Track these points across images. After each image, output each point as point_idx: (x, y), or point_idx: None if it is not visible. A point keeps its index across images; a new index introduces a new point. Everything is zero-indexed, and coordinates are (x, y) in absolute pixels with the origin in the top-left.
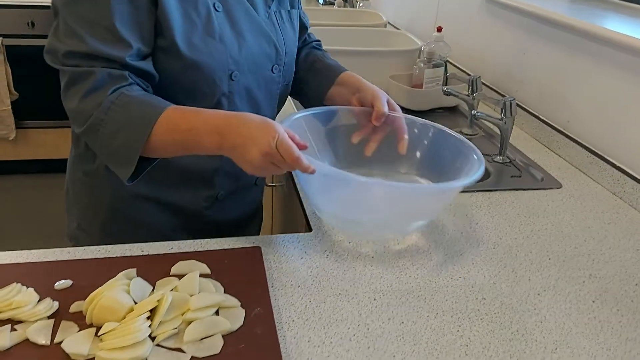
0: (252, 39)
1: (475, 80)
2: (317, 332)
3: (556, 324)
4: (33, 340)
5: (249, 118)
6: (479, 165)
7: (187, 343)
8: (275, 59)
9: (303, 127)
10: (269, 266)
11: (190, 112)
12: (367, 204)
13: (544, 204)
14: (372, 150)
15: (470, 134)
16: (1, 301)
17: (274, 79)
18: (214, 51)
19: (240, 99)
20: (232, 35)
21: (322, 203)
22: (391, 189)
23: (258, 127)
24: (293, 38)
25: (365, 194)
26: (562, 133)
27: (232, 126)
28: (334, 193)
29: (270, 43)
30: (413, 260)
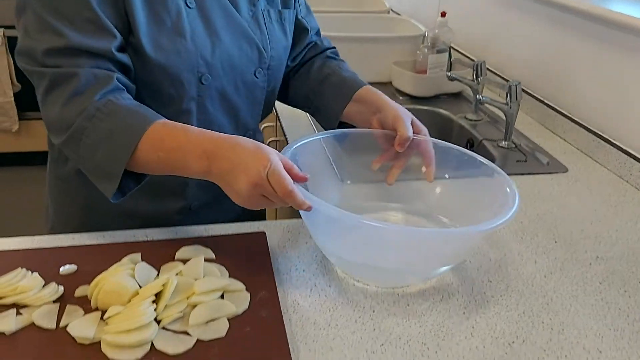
0: (230, 40)
1: (480, 65)
2: (322, 315)
3: (563, 306)
4: (39, 324)
5: (241, 143)
6: (513, 199)
7: (193, 326)
8: (258, 62)
9: (323, 149)
10: (273, 251)
11: (179, 129)
12: (382, 250)
13: (549, 188)
14: (394, 178)
15: (475, 119)
16: (6, 286)
17: (257, 84)
18: (182, 51)
19: (213, 104)
20: (205, 35)
21: (329, 245)
22: (410, 235)
23: (249, 154)
24: (282, 40)
25: (379, 239)
26: (567, 117)
27: (222, 149)
28: (342, 236)
29: (253, 45)
30: None
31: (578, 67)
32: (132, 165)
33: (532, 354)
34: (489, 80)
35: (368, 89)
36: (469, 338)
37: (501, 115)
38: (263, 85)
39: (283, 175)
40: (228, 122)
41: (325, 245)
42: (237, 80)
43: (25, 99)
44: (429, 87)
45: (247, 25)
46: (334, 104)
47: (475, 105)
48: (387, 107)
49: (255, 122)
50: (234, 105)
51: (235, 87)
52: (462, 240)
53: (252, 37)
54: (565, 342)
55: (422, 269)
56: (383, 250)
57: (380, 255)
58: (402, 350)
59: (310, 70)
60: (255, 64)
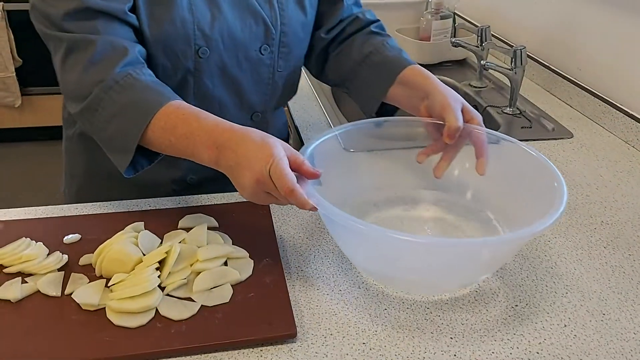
0: (232, 13)
1: (484, 30)
2: (325, 281)
3: (567, 270)
4: (44, 292)
5: (250, 135)
6: (561, 195)
7: (197, 293)
8: (264, 38)
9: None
10: (276, 219)
11: (193, 115)
12: (410, 262)
13: (555, 154)
14: (442, 171)
15: (479, 86)
16: (11, 255)
17: (263, 61)
18: (177, 20)
19: (211, 80)
20: (204, 5)
21: (351, 253)
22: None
23: (255, 148)
24: (298, 15)
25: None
26: (573, 82)
27: (231, 141)
28: (367, 248)
29: (258, 19)
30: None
31: (584, 32)
32: (146, 144)
33: (536, 317)
34: (494, 44)
35: (414, 70)
36: (472, 302)
37: (506, 82)
38: (270, 62)
39: (285, 172)
40: (230, 100)
41: (348, 252)
42: (239, 56)
43: (28, 74)
44: (432, 54)
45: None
46: (374, 87)
47: (480, 72)
48: (435, 92)
49: (263, 103)
50: (236, 82)
51: (237, 63)
52: (500, 249)
53: (258, 11)
54: (568, 305)
55: (458, 280)
56: (412, 263)
57: (409, 268)
58: (405, 314)
59: (351, 48)
60: (261, 40)
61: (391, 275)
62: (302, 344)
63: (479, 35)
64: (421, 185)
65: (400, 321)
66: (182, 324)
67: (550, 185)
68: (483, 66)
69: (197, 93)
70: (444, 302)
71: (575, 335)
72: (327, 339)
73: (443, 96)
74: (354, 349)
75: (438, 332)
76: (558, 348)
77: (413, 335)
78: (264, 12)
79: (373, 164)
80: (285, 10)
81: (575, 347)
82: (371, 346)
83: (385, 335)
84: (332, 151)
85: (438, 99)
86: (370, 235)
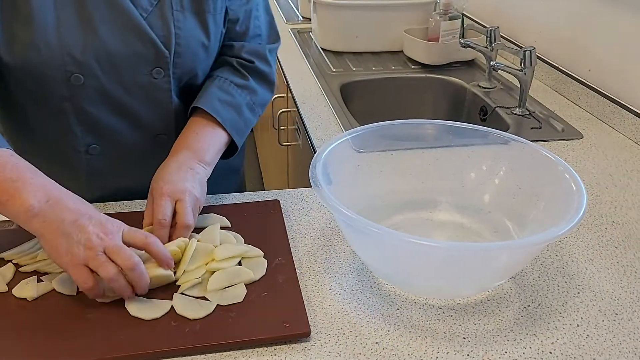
0: (111, 35)
1: (493, 30)
2: (338, 281)
3: (578, 269)
4: (59, 291)
5: (84, 207)
6: (579, 198)
7: (211, 292)
8: (155, 61)
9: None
10: (287, 219)
11: (26, 164)
12: (426, 267)
13: (564, 154)
14: None
15: (488, 87)
16: (26, 254)
17: (157, 86)
18: (42, 45)
19: (94, 106)
20: (75, 28)
21: (367, 257)
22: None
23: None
24: (198, 35)
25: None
26: (582, 83)
27: (68, 201)
28: (380, 250)
29: (146, 42)
30: None
31: (593, 32)
32: None
33: (548, 317)
34: (503, 45)
35: (192, 119)
36: (485, 302)
37: (514, 82)
38: (166, 86)
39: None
40: (124, 125)
41: (361, 255)
42: (125, 82)
43: None
44: (441, 55)
45: (142, 18)
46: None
47: (489, 73)
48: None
49: (167, 126)
50: (126, 108)
51: (124, 89)
52: (519, 253)
53: (146, 32)
54: (581, 305)
55: (475, 286)
56: (428, 268)
57: (424, 273)
58: (418, 314)
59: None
60: (152, 63)
61: (405, 279)
62: (316, 343)
63: (488, 36)
64: (436, 189)
65: (413, 321)
66: (196, 323)
67: (568, 188)
68: (493, 67)
69: (80, 119)
70: (457, 302)
71: (588, 334)
72: (340, 338)
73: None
74: (366, 348)
75: (451, 333)
76: (571, 348)
77: (426, 335)
78: (153, 33)
79: (385, 167)
80: (182, 30)
81: (588, 347)
82: (384, 346)
83: (398, 335)
84: (343, 155)
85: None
86: (386, 240)
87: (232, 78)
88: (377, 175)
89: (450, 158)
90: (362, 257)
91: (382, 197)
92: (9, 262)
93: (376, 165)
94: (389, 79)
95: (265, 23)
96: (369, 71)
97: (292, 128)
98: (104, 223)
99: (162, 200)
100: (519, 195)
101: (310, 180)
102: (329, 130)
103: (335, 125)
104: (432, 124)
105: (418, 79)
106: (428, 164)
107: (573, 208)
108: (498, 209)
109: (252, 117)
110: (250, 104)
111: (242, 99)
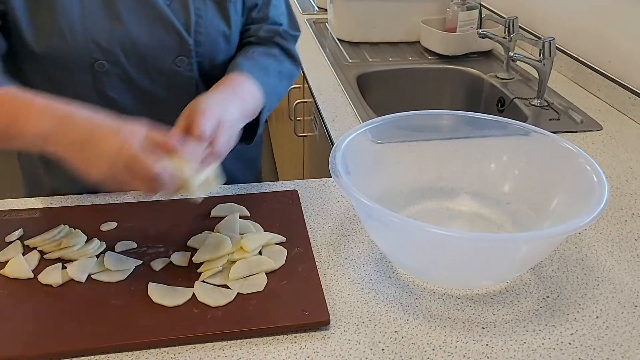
0: (135, 24)
1: (512, 21)
2: (357, 270)
3: (597, 262)
4: (77, 279)
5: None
6: (600, 190)
7: (233, 280)
8: (179, 49)
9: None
10: (305, 209)
11: (28, 95)
12: (446, 258)
13: (583, 146)
14: None
15: (506, 78)
16: (51, 242)
17: (181, 74)
18: (67, 33)
19: (119, 94)
20: (101, 16)
21: (386, 247)
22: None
23: (111, 121)
24: (218, 24)
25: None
26: (602, 74)
27: (80, 112)
28: (400, 240)
29: (171, 30)
30: None
31: (614, 23)
32: None
33: (567, 309)
34: (522, 36)
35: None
36: (503, 293)
37: (532, 73)
38: (189, 74)
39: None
40: (147, 111)
41: (381, 245)
42: (149, 69)
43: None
44: (458, 45)
45: (166, 6)
46: None
47: (507, 63)
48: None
49: None
50: (149, 96)
51: (148, 77)
52: (542, 244)
53: (170, 21)
54: (600, 297)
55: (494, 276)
56: (450, 258)
57: (446, 264)
58: (437, 304)
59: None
60: (176, 52)
61: (424, 269)
62: (335, 331)
63: (507, 26)
64: (455, 179)
65: (432, 311)
66: (218, 310)
67: (589, 179)
68: (511, 57)
69: (104, 106)
70: (475, 293)
71: (607, 326)
72: (360, 327)
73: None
74: (386, 336)
75: (470, 322)
76: (590, 339)
77: (445, 324)
78: (177, 22)
79: (403, 158)
80: (202, 18)
81: (607, 338)
82: (403, 335)
83: (417, 324)
84: (362, 145)
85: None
86: (406, 229)
87: (255, 48)
88: (395, 166)
89: (469, 149)
90: (381, 247)
91: (400, 188)
92: (34, 249)
93: (394, 156)
94: (405, 70)
95: (284, 14)
96: (386, 62)
97: (308, 119)
98: (119, 132)
99: (205, 118)
100: (539, 186)
101: (329, 170)
102: (346, 121)
103: (352, 116)
104: (451, 115)
105: (435, 69)
106: (446, 154)
107: (594, 200)
108: (518, 199)
109: (279, 82)
110: (277, 69)
111: (268, 63)
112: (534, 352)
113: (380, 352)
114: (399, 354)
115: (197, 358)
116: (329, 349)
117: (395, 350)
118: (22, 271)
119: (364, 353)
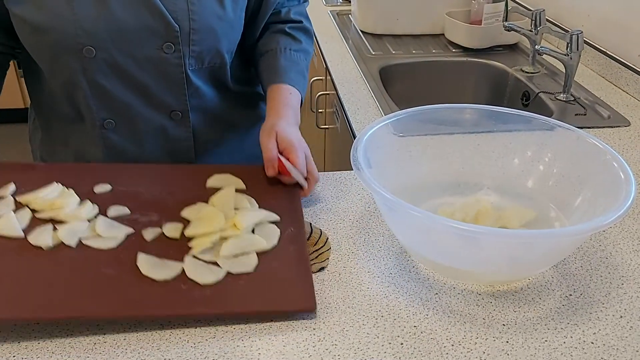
0: (122, 8)
1: (539, 13)
2: (376, 264)
3: (622, 260)
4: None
5: None
6: (627, 187)
7: (223, 257)
8: (165, 35)
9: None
10: (326, 201)
11: None
12: (467, 253)
13: (610, 142)
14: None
15: (531, 71)
16: (43, 200)
17: (168, 60)
18: (57, 16)
19: (107, 80)
20: (89, 1)
21: (407, 241)
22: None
23: None
24: (215, 9)
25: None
26: (631, 68)
27: None
28: (422, 234)
29: (157, 16)
30: None
31: None
32: None
33: (590, 307)
34: (549, 29)
35: (272, 91)
36: (525, 290)
37: (559, 67)
38: (177, 62)
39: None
40: (136, 99)
41: (401, 239)
42: (137, 56)
43: None
44: (483, 38)
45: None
46: (262, 82)
47: (533, 57)
48: (267, 118)
49: (181, 103)
50: (138, 82)
51: (135, 63)
52: (567, 241)
53: (155, 5)
54: (624, 296)
55: (517, 273)
56: (471, 253)
57: (467, 259)
58: (457, 299)
59: (260, 38)
60: (162, 38)
61: (445, 264)
62: (354, 324)
63: (533, 19)
64: (478, 174)
65: (452, 306)
66: (205, 288)
67: (616, 176)
68: (537, 51)
69: (94, 93)
70: (496, 289)
71: (631, 326)
72: (379, 320)
73: (265, 126)
74: (405, 331)
75: (490, 319)
76: (613, 339)
77: (464, 320)
78: (164, 8)
79: (426, 152)
80: (196, 5)
81: (631, 339)
82: (422, 329)
83: (437, 320)
84: (384, 139)
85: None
86: (427, 223)
87: (291, 45)
88: (417, 159)
89: (493, 143)
90: (402, 241)
91: (421, 182)
92: (25, 207)
93: (416, 150)
94: (429, 63)
95: None
96: (409, 54)
97: (330, 111)
98: None
99: (299, 151)
100: (564, 182)
101: (351, 163)
102: (368, 114)
103: (374, 109)
104: (474, 109)
105: (459, 62)
106: (469, 149)
107: (621, 197)
108: (542, 195)
109: (307, 73)
110: (307, 63)
111: (303, 63)
112: (555, 351)
113: (399, 347)
114: (418, 348)
115: (183, 335)
116: (347, 342)
117: (414, 345)
118: (13, 230)
119: (382, 347)
